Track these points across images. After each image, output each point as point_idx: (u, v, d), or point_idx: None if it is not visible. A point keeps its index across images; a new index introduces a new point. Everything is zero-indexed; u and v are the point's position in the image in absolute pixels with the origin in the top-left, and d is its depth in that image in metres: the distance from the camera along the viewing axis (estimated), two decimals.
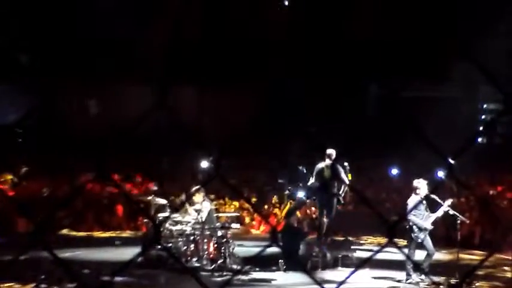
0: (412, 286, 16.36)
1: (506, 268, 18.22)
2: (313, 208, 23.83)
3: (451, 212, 16.49)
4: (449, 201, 16.52)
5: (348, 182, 21.09)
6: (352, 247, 20.10)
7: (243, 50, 28.29)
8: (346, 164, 21.31)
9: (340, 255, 18.69)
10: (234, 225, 18.67)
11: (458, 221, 16.57)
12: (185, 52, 28.18)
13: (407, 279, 16.49)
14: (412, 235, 16.18)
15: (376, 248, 21.75)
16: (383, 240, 23.83)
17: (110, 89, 27.79)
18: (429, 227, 16.25)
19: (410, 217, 16.24)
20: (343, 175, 20.80)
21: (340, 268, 18.17)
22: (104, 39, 27.58)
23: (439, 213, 16.37)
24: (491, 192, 25.52)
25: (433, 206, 16.52)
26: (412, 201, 16.55)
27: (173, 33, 28.46)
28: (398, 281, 16.71)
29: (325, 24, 28.50)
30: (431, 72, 28.76)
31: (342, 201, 21.07)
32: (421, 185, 16.47)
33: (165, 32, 28.33)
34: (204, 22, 28.79)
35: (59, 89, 27.76)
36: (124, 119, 25.81)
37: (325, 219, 21.20)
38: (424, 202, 16.35)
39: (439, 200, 16.48)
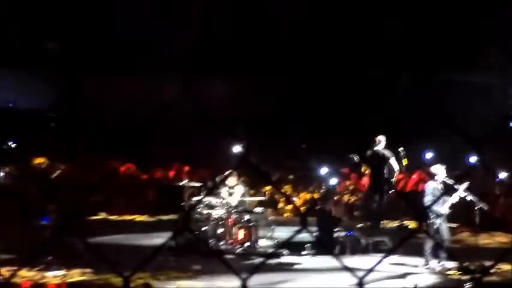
0: (430, 272, 16.28)
1: None
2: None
3: (468, 197, 16.30)
4: (464, 185, 16.31)
5: (397, 168, 21.08)
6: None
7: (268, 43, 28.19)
8: (400, 149, 21.29)
9: (372, 241, 18.61)
10: (258, 209, 18.65)
11: (476, 207, 16.39)
12: (214, 44, 28.22)
13: (425, 265, 16.43)
14: (428, 221, 16.03)
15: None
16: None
17: (137, 78, 27.83)
18: (445, 212, 16.15)
19: (428, 203, 16.19)
20: (392, 161, 20.79)
21: (371, 254, 18.08)
22: (127, 30, 27.65)
23: (455, 198, 16.22)
24: None
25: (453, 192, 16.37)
26: (429, 187, 16.48)
27: (201, 26, 28.44)
28: (416, 267, 16.66)
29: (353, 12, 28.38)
30: (463, 58, 28.50)
31: (393, 188, 21.12)
32: (439, 171, 16.40)
33: (193, 25, 28.33)
34: (233, 17, 28.74)
35: (86, 77, 27.95)
36: (156, 106, 25.94)
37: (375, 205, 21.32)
38: (441, 187, 16.27)
39: (456, 186, 16.30)
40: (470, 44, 27.82)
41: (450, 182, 16.40)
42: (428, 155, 24.82)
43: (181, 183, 19.18)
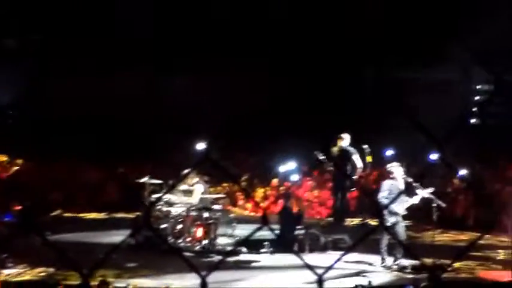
0: (386, 270, 16.32)
1: (499, 250, 18.24)
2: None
3: (426, 195, 16.41)
4: (430, 190, 16.48)
5: (360, 166, 21.10)
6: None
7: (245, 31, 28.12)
8: (365, 146, 21.30)
9: (331, 239, 18.63)
10: (216, 207, 18.63)
11: (434, 205, 16.49)
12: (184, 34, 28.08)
13: (382, 263, 16.50)
14: (383, 218, 16.09)
15: None
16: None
17: (101, 74, 27.61)
18: (400, 211, 16.21)
19: (382, 200, 16.30)
20: (354, 158, 20.79)
21: (330, 251, 18.10)
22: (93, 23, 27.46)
23: (416, 199, 16.35)
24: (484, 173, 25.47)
25: (412, 191, 16.48)
26: (385, 185, 16.56)
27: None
28: (372, 265, 16.71)
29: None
30: (425, 54, 28.65)
31: (355, 185, 21.14)
32: (395, 169, 16.50)
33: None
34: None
35: (48, 71, 27.71)
36: (117, 103, 25.80)
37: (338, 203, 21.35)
38: (400, 187, 16.34)
39: (414, 184, 16.42)
40: (432, 41, 27.96)
41: (410, 180, 16.50)
42: (389, 153, 24.94)
43: (141, 180, 19.04)
